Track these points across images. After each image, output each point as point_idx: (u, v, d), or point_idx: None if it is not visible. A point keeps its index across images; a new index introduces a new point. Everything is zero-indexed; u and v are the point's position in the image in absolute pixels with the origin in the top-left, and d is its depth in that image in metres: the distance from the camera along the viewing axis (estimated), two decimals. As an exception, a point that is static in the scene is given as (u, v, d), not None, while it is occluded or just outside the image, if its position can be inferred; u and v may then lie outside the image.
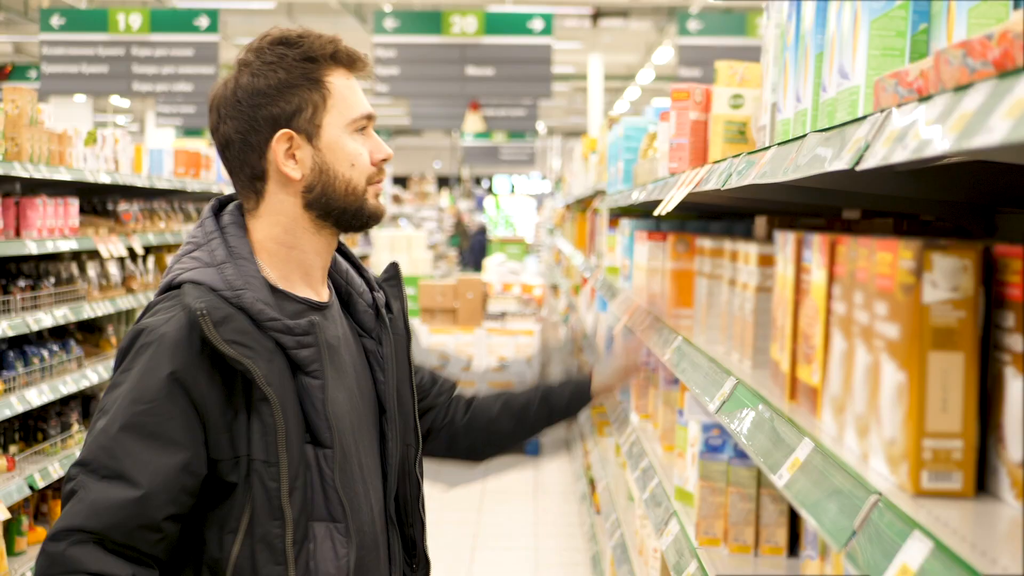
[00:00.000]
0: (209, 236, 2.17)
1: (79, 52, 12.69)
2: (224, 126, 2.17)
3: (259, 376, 2.04)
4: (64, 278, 6.93)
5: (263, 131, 2.14)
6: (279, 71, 2.14)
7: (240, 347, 2.04)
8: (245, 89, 2.14)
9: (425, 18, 13.18)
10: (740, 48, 12.69)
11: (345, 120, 2.17)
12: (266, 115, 2.14)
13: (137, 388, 2.04)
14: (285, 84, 2.14)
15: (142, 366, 2.05)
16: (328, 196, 2.17)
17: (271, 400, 2.04)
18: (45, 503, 6.61)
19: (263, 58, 2.15)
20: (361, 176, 2.18)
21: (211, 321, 2.02)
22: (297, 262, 2.20)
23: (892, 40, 1.79)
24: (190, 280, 2.10)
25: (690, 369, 2.92)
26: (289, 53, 2.15)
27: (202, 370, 2.04)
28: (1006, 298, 1.44)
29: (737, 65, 3.18)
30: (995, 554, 1.25)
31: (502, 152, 27.36)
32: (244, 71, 2.16)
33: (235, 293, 2.08)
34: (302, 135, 2.15)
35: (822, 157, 1.80)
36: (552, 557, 7.59)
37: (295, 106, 2.14)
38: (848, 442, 1.75)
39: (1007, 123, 1.11)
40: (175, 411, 2.04)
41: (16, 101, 6.02)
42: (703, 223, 4.63)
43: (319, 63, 2.16)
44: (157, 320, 2.08)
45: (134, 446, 2.02)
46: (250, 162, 2.16)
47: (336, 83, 2.17)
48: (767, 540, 2.81)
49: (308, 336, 2.11)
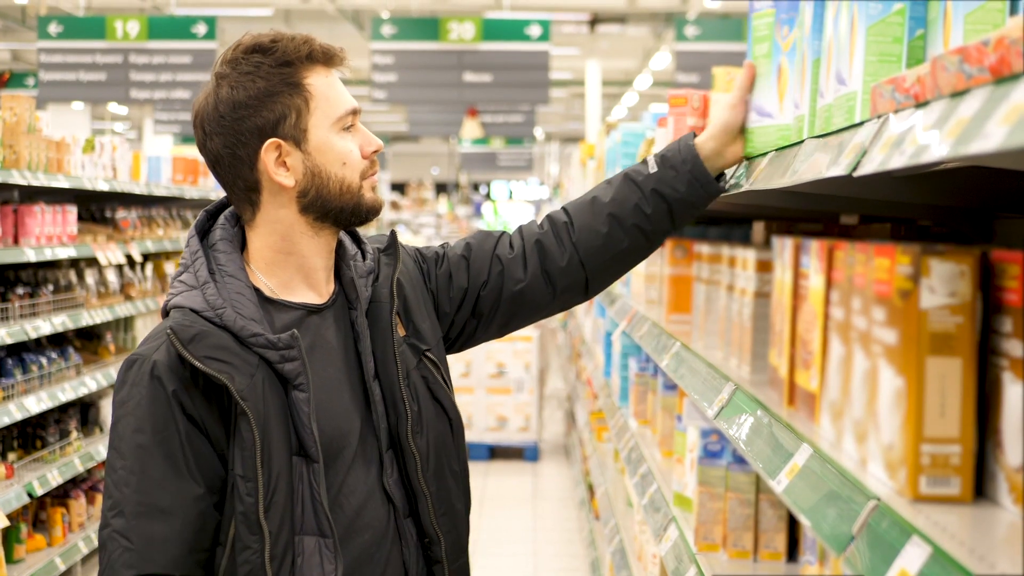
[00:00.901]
0: (194, 256, 2.16)
1: (77, 60, 12.69)
2: (211, 142, 2.16)
3: (235, 391, 2.03)
4: (62, 286, 6.92)
5: (250, 143, 2.13)
6: (257, 80, 2.12)
7: (216, 362, 2.04)
8: (226, 103, 2.13)
9: (422, 25, 13.19)
10: (737, 54, 12.69)
11: (330, 120, 2.15)
12: (251, 126, 2.12)
13: (143, 417, 2.05)
14: (265, 93, 2.12)
15: (141, 394, 2.06)
16: (324, 198, 2.16)
17: (248, 414, 2.04)
18: (44, 510, 6.60)
19: (239, 68, 2.13)
20: (354, 173, 2.17)
21: (180, 340, 2.04)
22: (297, 267, 2.19)
23: (889, 46, 1.79)
24: (176, 305, 2.12)
25: (689, 375, 2.92)
26: (265, 60, 2.13)
27: (196, 389, 2.06)
28: (1004, 303, 1.44)
29: (734, 71, 3.18)
30: (994, 559, 1.25)
31: (500, 158, 27.35)
32: (223, 84, 2.14)
33: (216, 313, 2.09)
34: (290, 141, 2.13)
35: (820, 163, 1.80)
36: (551, 563, 7.59)
37: (279, 114, 2.12)
38: (846, 447, 1.75)
39: (1003, 129, 1.12)
40: (182, 431, 2.05)
41: (14, 109, 6.02)
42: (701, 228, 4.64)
43: (296, 66, 2.14)
44: (148, 348, 2.10)
45: (157, 474, 2.04)
46: (242, 175, 2.15)
47: (316, 83, 2.15)
48: (766, 545, 2.81)
49: (291, 350, 2.10)
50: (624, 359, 5.13)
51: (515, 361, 10.36)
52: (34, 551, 6.38)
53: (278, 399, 2.09)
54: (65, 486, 6.92)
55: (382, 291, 2.26)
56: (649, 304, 4.28)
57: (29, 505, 6.41)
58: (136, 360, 2.09)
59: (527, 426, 10.39)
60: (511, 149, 27.14)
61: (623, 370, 5.17)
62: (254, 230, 2.19)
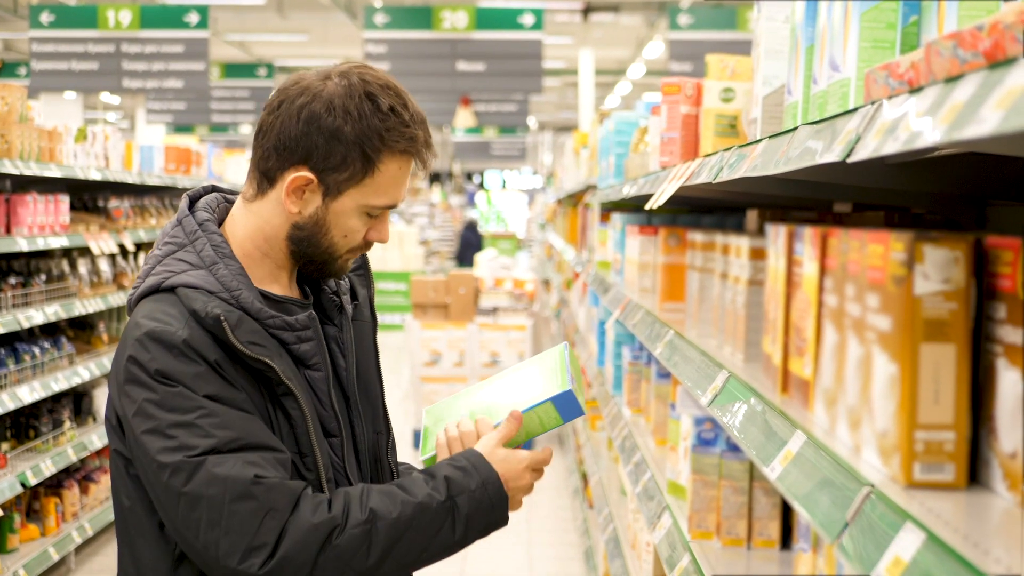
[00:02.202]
0: (193, 236, 2.12)
1: (69, 49, 12.66)
2: (275, 120, 2.10)
3: (279, 372, 2.04)
4: (55, 275, 6.91)
5: (293, 155, 2.09)
6: (349, 125, 2.06)
7: (257, 347, 2.03)
8: (312, 113, 2.07)
9: (415, 13, 13.16)
10: (731, 42, 12.68)
11: (367, 202, 2.11)
12: (307, 145, 2.07)
13: (197, 378, 1.99)
14: (343, 140, 2.06)
15: (179, 367, 1.99)
16: (310, 244, 2.15)
17: (295, 393, 2.05)
18: (37, 500, 6.60)
19: (347, 102, 2.06)
20: (346, 246, 2.16)
21: (230, 326, 2.00)
22: (270, 267, 2.18)
23: (883, 32, 1.79)
24: (184, 284, 2.06)
25: (682, 363, 2.92)
26: (370, 118, 2.06)
27: (232, 366, 2.03)
28: (997, 289, 1.44)
29: (728, 59, 3.18)
30: (987, 545, 1.25)
31: (493, 147, 27.34)
32: (323, 97, 2.07)
33: (232, 295, 2.07)
34: (321, 187, 2.10)
35: (813, 149, 1.80)
36: (545, 552, 7.60)
37: (335, 163, 2.08)
38: (840, 434, 1.75)
39: (998, 114, 1.11)
40: (234, 384, 2.02)
41: (6, 98, 6.01)
42: (695, 217, 4.63)
43: (386, 148, 2.09)
44: (167, 323, 2.01)
45: (228, 415, 1.99)
46: (269, 165, 2.12)
47: (386, 169, 2.10)
48: (760, 533, 2.81)
49: (308, 330, 2.13)
50: (618, 347, 5.13)
51: (509, 350, 10.36)
52: (27, 541, 6.38)
53: (302, 379, 2.13)
54: (58, 476, 6.92)
55: (363, 311, 2.32)
56: (643, 292, 4.28)
57: (22, 495, 6.41)
58: (157, 337, 1.99)
59: (521, 415, 10.39)
60: (504, 138, 27.13)
61: (617, 359, 5.17)
62: (247, 212, 2.17)
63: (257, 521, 1.94)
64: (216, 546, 1.94)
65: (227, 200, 2.25)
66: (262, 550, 1.93)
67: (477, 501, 2.05)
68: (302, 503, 1.97)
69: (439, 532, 2.03)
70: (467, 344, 10.34)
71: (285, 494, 1.96)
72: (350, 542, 1.97)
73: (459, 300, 10.49)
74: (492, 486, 2.07)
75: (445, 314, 10.49)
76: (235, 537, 1.94)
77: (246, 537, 1.93)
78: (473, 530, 2.06)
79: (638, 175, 4.51)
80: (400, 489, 2.04)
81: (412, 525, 2.00)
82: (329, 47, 21.16)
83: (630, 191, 4.45)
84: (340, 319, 2.27)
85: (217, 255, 2.11)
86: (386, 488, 2.05)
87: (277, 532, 1.94)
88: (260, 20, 18.39)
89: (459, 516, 2.04)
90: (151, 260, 2.14)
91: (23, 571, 5.99)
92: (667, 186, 3.20)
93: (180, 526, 1.98)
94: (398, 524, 1.99)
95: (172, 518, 1.99)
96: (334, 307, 2.27)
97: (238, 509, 1.94)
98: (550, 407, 2.23)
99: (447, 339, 10.34)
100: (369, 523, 1.98)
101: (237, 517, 1.94)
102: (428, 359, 10.33)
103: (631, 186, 4.51)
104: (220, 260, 2.10)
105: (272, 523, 1.94)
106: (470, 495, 2.05)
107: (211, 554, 1.95)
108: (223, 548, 1.94)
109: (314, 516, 1.96)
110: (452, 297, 10.49)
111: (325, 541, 1.95)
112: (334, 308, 2.27)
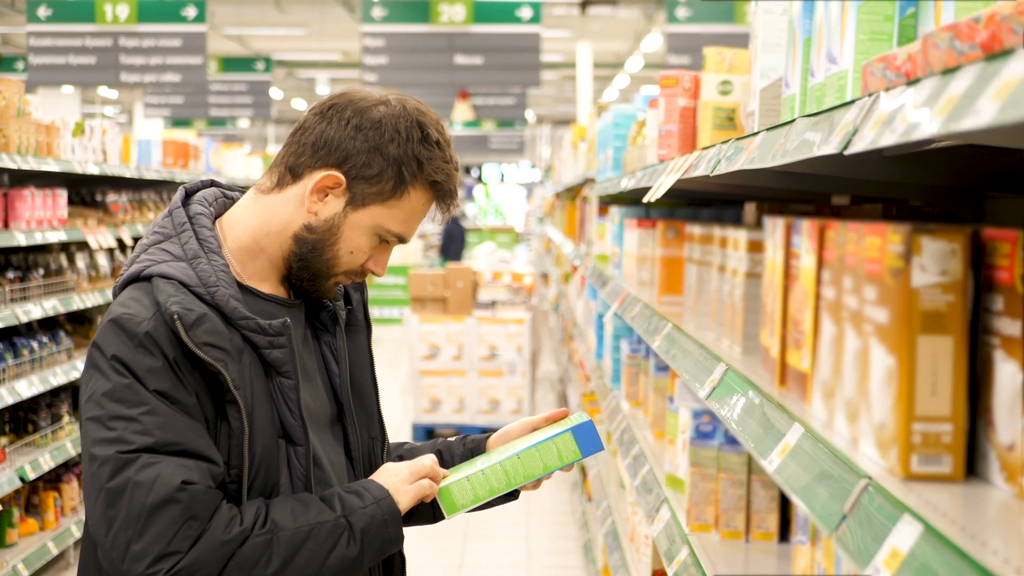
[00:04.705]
0: (180, 228, 2.12)
1: (66, 43, 12.64)
2: (320, 120, 2.13)
3: (229, 380, 2.01)
4: (53, 269, 6.91)
5: (331, 156, 2.11)
6: (393, 144, 2.11)
7: (213, 349, 2.01)
8: (362, 122, 2.11)
9: (413, 7, 13.15)
10: (729, 35, 12.68)
11: (384, 224, 2.14)
12: (348, 149, 2.10)
13: (143, 375, 1.98)
14: (384, 155, 2.11)
15: (140, 357, 1.98)
16: (313, 250, 2.15)
17: (238, 403, 2.03)
18: (36, 495, 6.61)
19: (399, 123, 2.11)
20: (346, 265, 2.17)
21: (183, 325, 1.98)
22: (265, 264, 2.18)
23: (880, 24, 1.79)
24: (160, 274, 2.05)
25: (680, 356, 2.92)
26: (415, 144, 2.12)
27: (188, 363, 2.02)
28: (995, 282, 1.44)
29: (726, 52, 3.18)
30: (985, 537, 1.26)
31: (491, 141, 27.32)
32: (377, 113, 2.12)
33: (209, 290, 2.05)
34: (347, 194, 2.12)
35: (811, 142, 1.80)
36: (544, 545, 7.60)
37: (371, 174, 2.11)
38: (838, 427, 1.75)
39: (995, 105, 1.11)
40: (186, 386, 2.01)
41: (3, 92, 6.00)
42: (693, 210, 4.64)
43: (423, 176, 2.13)
44: (134, 314, 2.01)
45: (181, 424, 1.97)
46: (301, 160, 2.13)
47: (415, 196, 2.14)
48: (758, 526, 2.81)
49: (281, 337, 2.10)
50: (616, 341, 5.13)
51: (507, 344, 10.37)
52: (27, 535, 6.39)
53: (262, 383, 2.09)
54: (57, 470, 6.92)
55: (357, 315, 2.33)
56: (641, 285, 4.28)
57: (21, 489, 6.42)
58: (123, 325, 1.99)
59: (519, 408, 10.40)
60: (502, 132, 27.12)
61: (615, 352, 5.18)
62: (253, 206, 2.17)
63: (176, 527, 1.93)
64: (125, 548, 1.92)
65: (226, 195, 2.24)
66: (172, 557, 1.93)
67: (370, 516, 2.08)
68: (217, 515, 1.97)
69: (335, 547, 2.05)
70: (465, 338, 10.34)
71: (208, 503, 1.96)
72: (253, 550, 1.98)
73: (457, 294, 10.49)
74: (384, 502, 2.11)
75: (443, 308, 10.49)
76: (149, 541, 1.92)
77: (161, 543, 1.92)
78: (370, 547, 2.08)
79: (636, 168, 4.51)
80: (300, 504, 2.06)
81: (311, 536, 2.02)
82: (327, 41, 21.14)
83: (628, 184, 4.45)
84: (333, 325, 2.27)
85: (202, 249, 2.10)
86: (289, 501, 2.06)
87: (192, 541, 1.94)
88: (258, 14, 18.37)
89: (354, 532, 2.06)
90: (137, 249, 2.15)
91: (22, 565, 5.99)
92: (665, 179, 3.20)
93: (94, 521, 1.96)
94: (297, 536, 2.01)
95: (90, 511, 1.98)
96: (327, 313, 2.27)
97: (159, 513, 1.93)
98: (569, 437, 2.23)
99: (445, 333, 10.34)
100: (271, 533, 2.00)
101: (156, 521, 1.92)
102: (427, 353, 10.33)
103: (629, 179, 4.51)
104: (204, 255, 2.09)
105: (189, 531, 1.94)
106: (362, 511, 2.08)
107: (117, 555, 1.93)
108: (133, 551, 1.92)
109: (226, 531, 1.96)
110: (450, 291, 10.49)
111: (234, 553, 1.96)
112: (327, 314, 2.27)
